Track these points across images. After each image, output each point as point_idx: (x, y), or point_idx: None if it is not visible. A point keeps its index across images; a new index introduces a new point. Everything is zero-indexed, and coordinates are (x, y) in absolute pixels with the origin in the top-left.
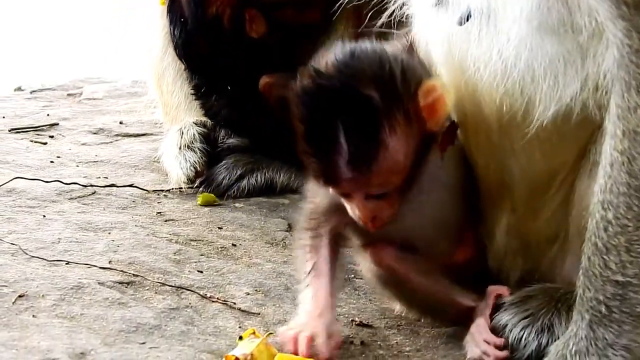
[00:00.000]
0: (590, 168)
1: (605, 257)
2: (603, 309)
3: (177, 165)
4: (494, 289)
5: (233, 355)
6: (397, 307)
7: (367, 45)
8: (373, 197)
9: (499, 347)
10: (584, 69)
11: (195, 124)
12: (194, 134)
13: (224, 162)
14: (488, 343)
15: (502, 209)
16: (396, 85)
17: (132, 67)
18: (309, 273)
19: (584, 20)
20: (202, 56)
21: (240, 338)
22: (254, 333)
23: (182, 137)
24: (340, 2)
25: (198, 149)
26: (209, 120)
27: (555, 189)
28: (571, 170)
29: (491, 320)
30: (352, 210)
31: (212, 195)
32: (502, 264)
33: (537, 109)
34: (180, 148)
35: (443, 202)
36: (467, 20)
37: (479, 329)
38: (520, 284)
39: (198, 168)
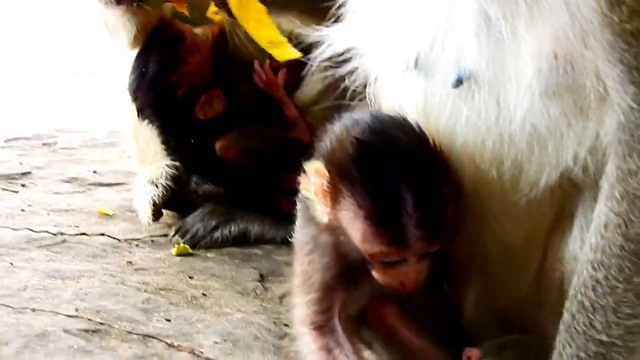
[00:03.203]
0: (564, 227)
1: (590, 316)
2: None
3: (140, 201)
4: (467, 352)
5: None
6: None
7: (377, 113)
8: (424, 256)
9: None
10: (586, 133)
11: (167, 165)
12: (161, 173)
13: (199, 210)
14: None
15: (472, 281)
16: (431, 143)
17: (108, 117)
18: None
19: (592, 83)
20: (148, 108)
21: None
22: None
23: (149, 175)
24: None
25: (161, 184)
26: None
27: (530, 257)
28: (546, 234)
29: None
30: (395, 275)
31: (187, 247)
32: (476, 330)
33: (532, 176)
34: (144, 185)
35: None
36: (463, 83)
37: None
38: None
39: (157, 201)
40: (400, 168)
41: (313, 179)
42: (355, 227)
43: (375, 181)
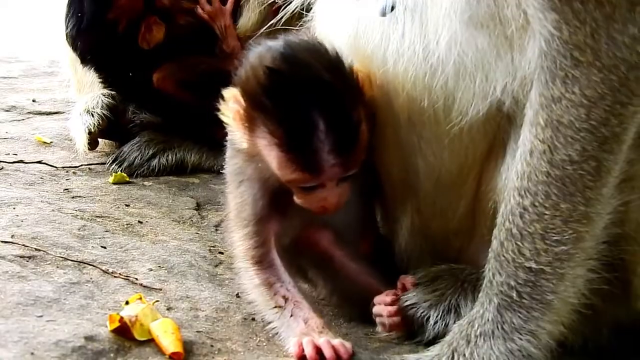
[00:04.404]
0: (497, 156)
1: (519, 243)
2: (514, 294)
3: (76, 130)
4: (402, 278)
5: (118, 315)
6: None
7: (296, 37)
8: (342, 180)
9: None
10: (512, 62)
11: (103, 94)
12: (97, 102)
13: (136, 139)
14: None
15: (406, 209)
16: (344, 69)
17: (50, 46)
18: (285, 308)
19: (512, 13)
20: (91, 52)
21: (127, 303)
22: (140, 299)
23: (85, 104)
24: None
25: (97, 113)
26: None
27: (464, 186)
28: (479, 164)
29: (399, 301)
30: (315, 199)
31: (125, 175)
32: (409, 259)
33: (462, 106)
34: (80, 114)
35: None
36: (390, 11)
37: (379, 301)
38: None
39: (92, 130)
40: (310, 96)
41: (231, 104)
42: (270, 155)
43: (286, 109)
